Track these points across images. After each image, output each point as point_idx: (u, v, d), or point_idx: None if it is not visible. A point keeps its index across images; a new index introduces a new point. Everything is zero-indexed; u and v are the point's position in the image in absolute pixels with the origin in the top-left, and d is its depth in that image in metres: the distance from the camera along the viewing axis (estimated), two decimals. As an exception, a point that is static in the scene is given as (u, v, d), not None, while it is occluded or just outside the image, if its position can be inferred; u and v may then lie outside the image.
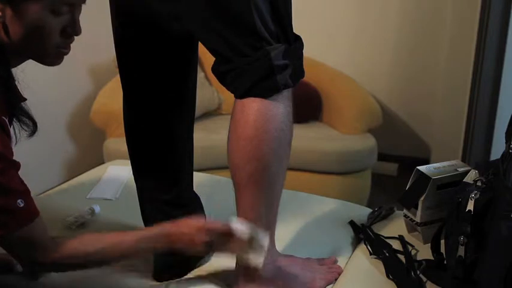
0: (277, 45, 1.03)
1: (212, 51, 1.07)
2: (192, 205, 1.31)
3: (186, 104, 1.26)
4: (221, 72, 1.06)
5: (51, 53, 0.98)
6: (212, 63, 1.08)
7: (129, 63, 1.23)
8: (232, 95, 1.08)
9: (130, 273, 1.23)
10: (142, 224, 1.29)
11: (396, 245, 1.27)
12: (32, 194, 0.98)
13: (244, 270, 1.10)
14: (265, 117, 1.02)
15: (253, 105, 1.03)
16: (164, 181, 1.25)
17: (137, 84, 1.24)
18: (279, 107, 1.03)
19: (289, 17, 1.07)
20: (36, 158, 2.65)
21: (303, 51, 1.10)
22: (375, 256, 1.23)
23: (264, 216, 1.09)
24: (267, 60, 1.01)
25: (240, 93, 1.04)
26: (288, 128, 1.07)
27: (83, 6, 1.01)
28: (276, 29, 1.03)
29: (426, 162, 2.34)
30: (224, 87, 1.08)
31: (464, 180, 1.11)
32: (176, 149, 1.25)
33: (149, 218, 1.27)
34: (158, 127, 1.23)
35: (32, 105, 1.04)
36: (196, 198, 1.32)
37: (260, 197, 1.07)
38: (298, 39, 1.09)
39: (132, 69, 1.23)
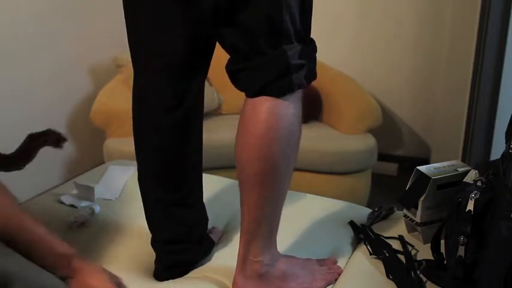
0: (294, 44, 1.03)
1: (231, 47, 1.06)
2: (198, 207, 1.30)
3: (194, 102, 1.23)
4: (235, 70, 1.06)
5: None
6: (212, 65, 1.08)
7: (144, 58, 1.20)
8: (233, 95, 1.08)
9: (131, 272, 1.23)
10: (142, 223, 1.29)
11: (396, 245, 1.27)
12: (32, 194, 0.97)
13: (245, 268, 1.11)
14: (276, 116, 1.02)
15: (265, 104, 1.02)
16: (172, 181, 1.24)
17: (149, 81, 1.21)
18: (289, 108, 1.04)
19: (311, 19, 1.07)
20: (36, 157, 2.65)
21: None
22: (375, 256, 1.23)
23: (268, 215, 1.09)
24: (284, 58, 1.01)
25: (253, 92, 1.04)
26: (298, 128, 1.07)
27: (86, 6, 1.00)
28: (302, 28, 1.04)
29: (426, 162, 2.33)
30: (225, 88, 1.08)
31: (464, 180, 1.11)
32: (184, 147, 1.23)
33: (154, 219, 1.27)
34: (166, 124, 1.21)
35: (32, 105, 1.04)
36: (202, 199, 1.32)
37: (266, 195, 1.07)
38: (312, 41, 1.10)
39: (146, 66, 1.20)
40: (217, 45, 1.14)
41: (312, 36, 1.11)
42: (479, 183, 1.05)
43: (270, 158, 1.03)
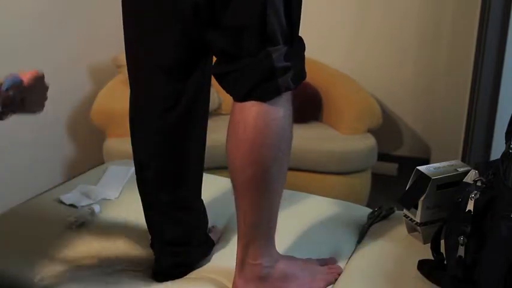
0: (279, 46, 1.01)
1: (216, 49, 1.05)
2: (198, 208, 1.30)
3: (193, 103, 1.21)
4: (221, 74, 1.05)
5: None
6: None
7: (140, 59, 1.19)
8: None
9: (131, 273, 1.23)
10: (141, 224, 1.29)
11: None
12: (33, 194, 0.97)
13: (244, 270, 1.11)
14: (265, 121, 1.01)
15: (252, 109, 1.01)
16: (170, 183, 1.23)
17: (143, 82, 1.20)
18: (279, 111, 1.02)
19: (299, 18, 1.06)
20: (36, 157, 2.65)
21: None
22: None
23: (264, 218, 1.09)
24: (268, 62, 1.00)
25: (240, 97, 1.03)
26: (288, 131, 1.06)
27: (86, 6, 1.00)
28: (287, 29, 1.02)
29: (426, 162, 2.33)
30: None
31: (464, 180, 1.11)
32: (183, 149, 1.22)
33: (153, 221, 1.26)
34: (162, 126, 1.20)
35: (32, 105, 1.03)
36: (201, 201, 1.32)
37: (260, 200, 1.06)
38: (300, 40, 1.08)
39: (139, 67, 1.20)
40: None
41: (312, 36, 1.10)
42: (479, 183, 1.05)
43: (261, 163, 1.02)
